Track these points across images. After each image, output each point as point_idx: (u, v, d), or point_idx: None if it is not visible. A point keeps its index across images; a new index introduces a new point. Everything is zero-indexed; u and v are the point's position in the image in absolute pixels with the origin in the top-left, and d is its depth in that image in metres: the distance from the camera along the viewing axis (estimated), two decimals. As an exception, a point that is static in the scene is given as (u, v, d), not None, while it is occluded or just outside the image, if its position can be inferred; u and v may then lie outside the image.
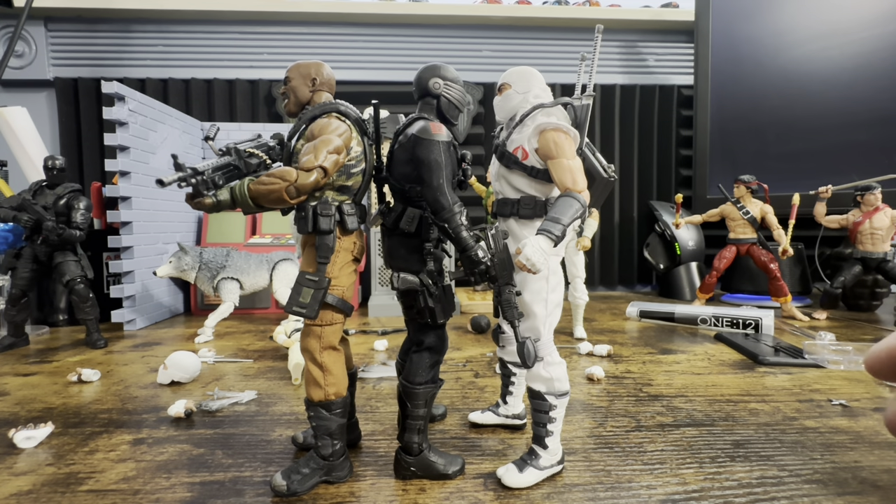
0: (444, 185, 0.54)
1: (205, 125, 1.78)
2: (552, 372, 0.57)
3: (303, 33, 2.02)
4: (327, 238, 0.56)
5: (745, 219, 1.54)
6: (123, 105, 1.31)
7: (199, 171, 0.51)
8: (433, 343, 0.59)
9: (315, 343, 0.56)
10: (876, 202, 1.47)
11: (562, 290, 0.59)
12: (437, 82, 0.58)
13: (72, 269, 1.19)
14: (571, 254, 1.23)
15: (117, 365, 1.04)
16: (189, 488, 0.56)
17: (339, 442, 0.57)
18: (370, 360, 1.07)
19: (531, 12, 2.06)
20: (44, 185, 1.21)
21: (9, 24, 1.88)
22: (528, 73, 0.61)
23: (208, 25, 1.98)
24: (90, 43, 1.94)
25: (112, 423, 0.74)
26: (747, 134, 1.94)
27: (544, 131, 0.55)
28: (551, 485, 0.56)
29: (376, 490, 0.55)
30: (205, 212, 0.52)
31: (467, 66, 2.07)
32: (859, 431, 0.70)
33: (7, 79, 1.85)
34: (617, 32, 2.13)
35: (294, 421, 0.74)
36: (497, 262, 0.54)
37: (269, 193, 0.50)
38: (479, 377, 0.95)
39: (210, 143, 0.56)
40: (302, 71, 0.59)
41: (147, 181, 1.41)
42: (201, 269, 1.32)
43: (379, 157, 0.62)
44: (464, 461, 0.60)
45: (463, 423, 0.74)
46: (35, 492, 0.55)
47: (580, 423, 0.73)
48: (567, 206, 0.52)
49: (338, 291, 0.56)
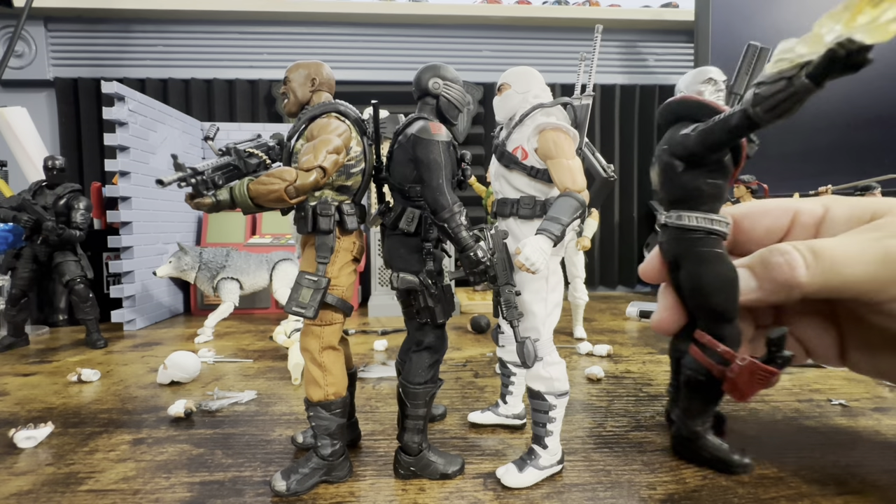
0: (443, 185, 0.54)
1: (204, 125, 1.78)
2: (552, 372, 0.57)
3: (303, 33, 2.02)
4: (327, 238, 0.56)
5: (745, 219, 1.53)
6: (123, 105, 1.31)
7: (199, 171, 0.51)
8: (433, 343, 0.59)
9: (315, 343, 0.56)
10: (876, 202, 1.47)
11: (561, 289, 0.59)
12: (436, 82, 0.58)
13: (72, 269, 1.19)
14: (571, 254, 1.23)
15: (117, 365, 1.05)
16: (189, 488, 0.56)
17: (338, 442, 0.57)
18: (370, 360, 1.07)
19: (531, 12, 2.06)
20: (44, 185, 1.21)
21: (9, 24, 1.88)
22: (527, 73, 0.61)
23: (208, 25, 1.98)
24: (90, 43, 1.94)
25: (112, 423, 0.74)
26: (747, 134, 1.94)
27: (544, 131, 0.55)
28: (551, 485, 0.56)
29: (376, 490, 0.55)
30: (204, 212, 0.52)
31: (467, 66, 2.07)
32: (859, 431, 0.70)
33: (7, 79, 1.85)
34: (617, 32, 2.13)
35: (294, 421, 0.74)
36: (497, 261, 0.54)
37: (269, 193, 0.50)
38: (479, 377, 0.95)
39: (210, 143, 0.56)
40: (301, 71, 0.59)
41: (147, 181, 1.41)
42: (201, 270, 1.32)
43: (378, 157, 0.62)
44: (463, 461, 0.60)
45: (462, 422, 0.74)
46: (35, 492, 0.55)
47: (580, 422, 0.73)
48: (567, 206, 0.52)
49: (337, 291, 0.56)
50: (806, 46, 0.45)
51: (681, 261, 0.61)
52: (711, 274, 0.58)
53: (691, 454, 0.61)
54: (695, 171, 0.59)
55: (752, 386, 0.54)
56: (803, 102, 0.47)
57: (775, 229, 0.65)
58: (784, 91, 0.47)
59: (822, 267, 0.53)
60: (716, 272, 0.58)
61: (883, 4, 0.39)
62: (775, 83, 0.48)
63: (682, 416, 0.62)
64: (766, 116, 0.49)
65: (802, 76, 0.46)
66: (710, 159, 0.58)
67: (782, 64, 0.48)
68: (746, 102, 0.51)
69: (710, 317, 0.59)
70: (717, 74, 0.62)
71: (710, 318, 0.59)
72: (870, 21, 0.40)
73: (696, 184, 0.59)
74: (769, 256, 0.57)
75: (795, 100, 0.47)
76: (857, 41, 0.41)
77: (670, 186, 0.61)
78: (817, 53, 0.44)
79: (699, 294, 0.59)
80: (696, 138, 0.56)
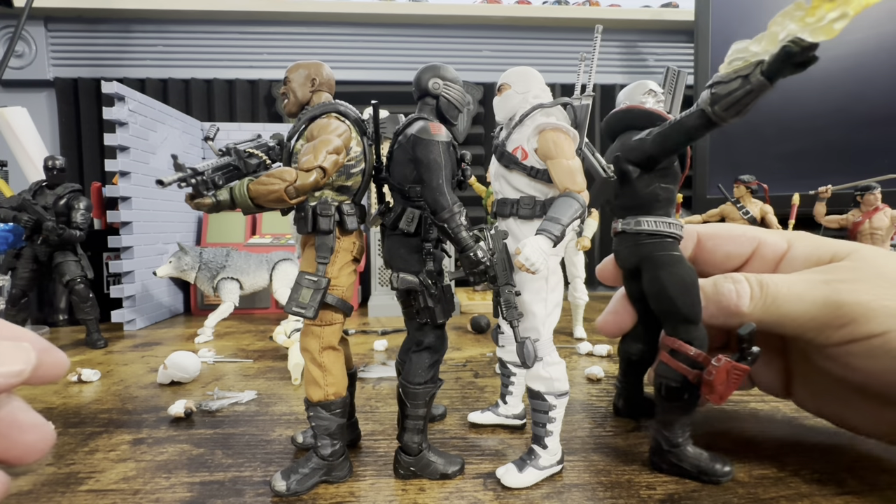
0: (443, 185, 0.54)
1: (204, 125, 1.78)
2: (552, 372, 0.57)
3: (303, 33, 2.02)
4: (327, 238, 0.56)
5: (745, 219, 1.53)
6: (123, 105, 1.31)
7: (199, 172, 0.51)
8: (433, 343, 0.59)
9: (315, 343, 0.56)
10: (876, 202, 1.47)
11: (561, 289, 0.59)
12: (436, 82, 0.58)
13: (72, 269, 1.19)
14: (571, 254, 1.23)
15: (117, 365, 1.05)
16: (189, 488, 0.56)
17: (338, 442, 0.57)
18: (370, 360, 1.07)
19: (531, 12, 2.06)
20: (44, 185, 1.21)
21: (9, 24, 1.88)
22: (527, 73, 0.60)
23: (208, 25, 1.98)
24: (90, 43, 1.94)
25: (112, 423, 0.74)
26: (747, 134, 1.94)
27: (543, 131, 0.55)
28: (551, 485, 0.56)
29: (376, 490, 0.55)
30: (204, 212, 0.52)
31: (467, 66, 2.07)
32: (859, 431, 0.70)
33: (7, 79, 1.85)
34: (617, 32, 2.13)
35: (294, 421, 0.74)
36: (497, 262, 0.54)
37: (269, 194, 0.50)
38: (479, 377, 0.95)
39: (210, 144, 0.56)
40: (301, 71, 0.59)
41: (147, 181, 1.41)
42: (201, 270, 1.32)
43: (378, 157, 0.62)
44: (463, 461, 0.60)
45: (462, 423, 0.74)
46: (35, 492, 0.55)
47: (580, 423, 0.73)
48: (566, 207, 0.52)
49: (337, 291, 0.56)
50: (759, 45, 0.47)
51: (642, 267, 0.62)
52: (674, 277, 0.58)
53: (671, 466, 0.59)
54: (649, 177, 0.61)
55: (729, 387, 0.53)
56: (758, 100, 0.48)
57: (735, 256, 0.66)
58: (741, 89, 0.48)
59: (765, 300, 0.55)
60: (678, 275, 0.59)
61: (834, 3, 0.40)
62: (731, 82, 0.49)
63: (660, 429, 0.60)
64: (724, 115, 0.50)
65: (758, 74, 0.47)
66: (665, 163, 0.60)
67: (737, 63, 0.49)
68: (703, 102, 0.52)
69: (676, 319, 0.59)
70: (656, 87, 0.66)
71: (677, 321, 0.59)
72: (816, 20, 0.42)
73: (650, 189, 0.61)
74: (722, 282, 0.59)
75: (752, 97, 0.48)
76: (805, 39, 0.43)
77: (625, 193, 0.63)
78: (770, 52, 0.46)
79: (664, 298, 0.59)
80: (654, 142, 0.58)
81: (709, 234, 0.68)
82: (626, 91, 0.67)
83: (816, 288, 0.54)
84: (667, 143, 0.57)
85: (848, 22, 0.40)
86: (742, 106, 0.49)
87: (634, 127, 0.63)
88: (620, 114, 0.65)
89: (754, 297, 0.56)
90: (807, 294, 0.54)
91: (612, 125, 0.67)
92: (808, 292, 0.54)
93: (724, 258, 0.66)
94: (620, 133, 0.65)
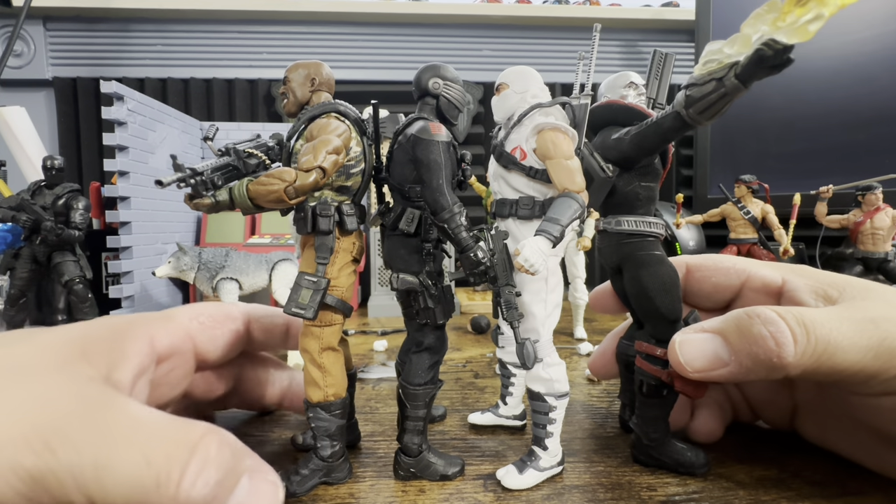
0: (443, 185, 0.54)
1: (204, 125, 1.77)
2: (552, 373, 0.57)
3: (303, 33, 2.02)
4: (326, 238, 0.55)
5: (746, 219, 1.53)
6: (122, 105, 1.31)
7: (198, 172, 0.51)
8: (433, 344, 0.59)
9: (314, 344, 0.56)
10: (877, 202, 1.46)
11: (561, 290, 0.59)
12: (436, 82, 0.58)
13: (70, 270, 1.19)
14: (571, 254, 1.23)
15: (116, 365, 1.04)
16: (188, 490, 0.55)
17: (338, 443, 0.56)
18: (370, 360, 1.07)
19: (531, 12, 2.06)
20: (42, 185, 1.21)
21: (8, 23, 1.88)
22: (525, 72, 0.60)
23: (208, 25, 1.98)
24: (89, 42, 1.94)
25: (111, 424, 0.74)
26: (748, 134, 1.94)
27: (542, 131, 0.55)
28: (551, 486, 0.56)
29: (376, 491, 0.55)
30: (203, 212, 0.52)
31: (467, 65, 2.07)
32: (860, 432, 0.70)
33: (6, 78, 1.85)
34: (617, 31, 2.13)
35: (294, 421, 0.74)
36: (497, 262, 0.54)
37: (268, 194, 0.50)
38: (479, 378, 0.95)
39: (209, 144, 0.55)
40: (301, 71, 0.58)
41: (146, 181, 1.40)
42: (200, 270, 1.32)
43: (378, 157, 0.62)
44: (463, 462, 0.60)
45: (463, 424, 0.73)
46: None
47: (580, 423, 0.73)
48: (566, 207, 0.52)
49: (337, 292, 0.56)
50: (733, 47, 0.46)
51: (623, 266, 0.62)
52: (654, 276, 0.58)
53: (651, 459, 0.59)
54: (629, 176, 0.61)
55: (702, 382, 0.53)
56: (733, 102, 0.48)
57: (724, 287, 0.64)
58: (715, 92, 0.48)
59: (815, 347, 0.44)
60: (658, 274, 0.58)
61: (808, 5, 0.40)
62: (706, 84, 0.48)
63: (640, 424, 0.60)
64: (699, 118, 0.50)
65: (732, 76, 0.46)
66: (644, 161, 0.60)
67: (711, 65, 0.48)
68: (679, 105, 0.51)
69: (656, 319, 0.59)
70: (637, 79, 0.64)
71: (656, 321, 0.59)
72: (791, 22, 0.41)
73: (631, 188, 0.61)
74: (749, 325, 0.47)
75: (727, 100, 0.48)
76: (780, 41, 0.42)
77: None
78: (744, 54, 0.45)
79: (644, 297, 0.59)
80: (631, 142, 0.58)
81: (697, 265, 0.66)
82: (608, 82, 0.66)
83: (867, 330, 0.45)
84: (644, 144, 0.57)
85: (823, 24, 0.39)
86: (716, 110, 0.49)
87: (616, 122, 0.62)
88: (601, 109, 0.64)
89: (799, 343, 0.44)
90: (859, 339, 0.44)
91: (593, 120, 0.65)
92: (860, 335, 0.45)
93: (713, 289, 0.64)
94: (601, 128, 0.64)
